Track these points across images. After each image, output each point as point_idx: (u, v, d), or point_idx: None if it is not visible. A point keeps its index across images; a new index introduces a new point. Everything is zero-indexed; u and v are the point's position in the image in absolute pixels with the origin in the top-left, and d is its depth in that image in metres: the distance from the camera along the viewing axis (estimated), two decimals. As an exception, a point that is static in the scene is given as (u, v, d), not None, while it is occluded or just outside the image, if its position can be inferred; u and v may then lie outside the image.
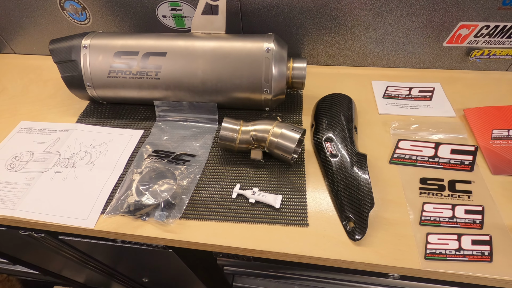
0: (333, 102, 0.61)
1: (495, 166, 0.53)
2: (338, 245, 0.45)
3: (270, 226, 0.48)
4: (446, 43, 0.67)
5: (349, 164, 0.51)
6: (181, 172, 0.54)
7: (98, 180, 0.54)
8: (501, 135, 0.56)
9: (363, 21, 0.65)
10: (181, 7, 0.68)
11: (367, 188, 0.48)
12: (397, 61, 0.72)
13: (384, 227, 0.47)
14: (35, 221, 0.50)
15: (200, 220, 0.49)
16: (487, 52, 0.67)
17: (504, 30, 0.62)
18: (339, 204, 0.49)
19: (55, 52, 0.60)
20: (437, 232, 0.46)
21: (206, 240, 0.47)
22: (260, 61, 0.55)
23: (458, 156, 0.54)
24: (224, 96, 0.59)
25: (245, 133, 0.53)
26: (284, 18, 0.67)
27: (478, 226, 0.46)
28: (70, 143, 0.61)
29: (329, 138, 0.55)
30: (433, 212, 0.48)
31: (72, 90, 0.63)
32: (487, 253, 0.43)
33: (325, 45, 0.72)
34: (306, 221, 0.48)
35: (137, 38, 0.59)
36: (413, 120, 0.60)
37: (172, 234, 0.48)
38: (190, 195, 0.51)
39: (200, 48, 0.57)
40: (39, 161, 0.58)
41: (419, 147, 0.56)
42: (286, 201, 0.50)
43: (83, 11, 0.72)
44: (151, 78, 0.58)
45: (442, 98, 0.65)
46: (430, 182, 0.52)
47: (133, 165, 0.56)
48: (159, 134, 0.62)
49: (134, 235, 0.48)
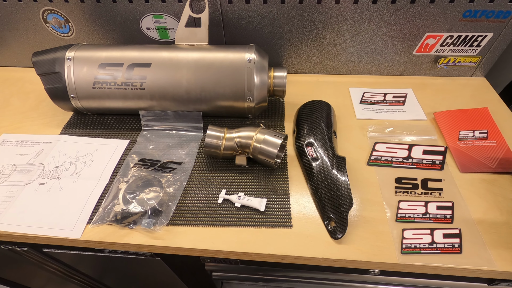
0: (313, 108, 0.64)
1: (462, 164, 0.57)
2: (321, 244, 0.47)
3: (255, 229, 0.50)
4: (415, 52, 0.72)
5: (329, 167, 0.54)
6: (167, 180, 0.56)
7: (83, 191, 0.55)
8: (467, 136, 0.60)
9: (339, 32, 0.69)
10: (165, 20, 0.70)
11: (346, 189, 0.51)
12: (372, 69, 0.77)
13: (363, 225, 0.49)
14: (19, 234, 0.50)
15: (187, 226, 0.50)
16: (452, 60, 0.72)
17: (466, 40, 0.68)
18: (321, 205, 0.51)
19: (38, 64, 0.60)
20: (412, 227, 0.49)
21: (193, 245, 0.48)
22: (243, 71, 0.57)
23: (430, 156, 0.58)
24: (208, 105, 0.61)
25: (230, 140, 0.55)
26: (265, 29, 0.70)
27: (448, 220, 0.50)
28: (54, 154, 0.61)
29: (310, 143, 0.58)
30: (408, 209, 0.51)
31: (56, 102, 0.63)
32: (457, 245, 0.46)
33: (304, 55, 0.75)
34: (290, 222, 0.50)
35: (122, 50, 0.61)
36: (388, 124, 0.64)
37: (160, 240, 0.48)
38: (177, 202, 0.52)
39: (184, 59, 0.59)
40: (22, 173, 0.58)
41: (394, 149, 0.59)
42: (270, 204, 0.52)
43: (67, 23, 0.73)
44: (136, 88, 0.59)
45: (414, 102, 0.70)
46: (405, 182, 0.55)
47: (119, 175, 0.57)
48: (145, 143, 0.63)
49: (121, 244, 0.49)
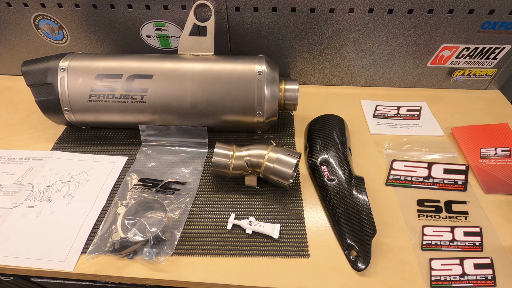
0: (326, 123, 0.60)
1: (487, 185, 0.53)
2: (342, 276, 0.43)
3: (269, 259, 0.45)
4: (430, 64, 0.69)
5: (346, 188, 0.50)
6: (170, 202, 0.51)
7: (77, 215, 0.49)
8: (489, 154, 0.57)
9: (351, 42, 0.66)
10: (167, 27, 0.65)
11: (368, 214, 0.47)
12: (384, 81, 0.73)
13: (387, 254, 0.45)
14: (3, 266, 0.44)
15: (193, 256, 0.45)
16: (467, 72, 0.69)
17: (483, 52, 0.65)
18: (339, 231, 0.47)
19: (28, 74, 0.55)
20: (439, 257, 0.45)
21: (201, 279, 0.43)
22: (252, 84, 0.53)
23: (451, 175, 0.54)
24: (214, 119, 0.57)
25: (239, 159, 0.51)
26: (273, 38, 0.66)
27: (478, 248, 0.46)
28: (45, 173, 0.56)
29: (324, 161, 0.54)
30: (433, 235, 0.47)
31: (47, 115, 0.58)
32: (490, 277, 0.43)
33: (313, 65, 0.72)
34: (307, 251, 0.46)
35: (121, 60, 0.56)
36: (405, 140, 0.61)
37: (163, 273, 0.43)
38: (182, 228, 0.48)
39: (189, 70, 0.55)
40: (9, 194, 0.52)
41: (413, 167, 0.56)
42: (284, 231, 0.48)
43: (60, 30, 0.68)
44: (137, 101, 0.55)
45: (430, 117, 0.67)
46: (427, 204, 0.51)
47: (117, 196, 0.51)
48: (145, 161, 0.58)
49: (120, 277, 0.44)
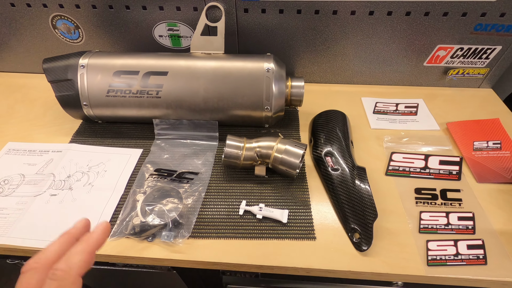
0: (329, 118, 0.64)
1: (479, 175, 0.57)
2: (346, 256, 0.47)
3: (278, 241, 0.48)
4: (426, 63, 0.73)
5: (349, 177, 0.54)
6: (185, 191, 0.54)
7: (98, 202, 0.53)
8: (481, 147, 0.61)
9: (352, 43, 0.70)
10: (179, 28, 0.69)
11: (369, 200, 0.50)
12: (383, 79, 0.77)
13: (387, 237, 0.49)
14: (31, 248, 0.47)
15: (208, 239, 0.49)
16: (461, 71, 0.74)
17: (476, 52, 0.69)
18: (343, 216, 0.51)
19: (49, 71, 0.58)
20: (435, 239, 0.48)
21: (216, 259, 0.46)
22: (261, 80, 0.57)
23: (446, 166, 0.58)
24: (225, 114, 0.60)
25: (249, 150, 0.54)
26: (279, 38, 0.70)
27: (471, 231, 0.50)
28: (65, 164, 0.59)
29: (328, 153, 0.58)
30: (429, 220, 0.51)
31: (67, 109, 0.61)
32: (481, 257, 0.46)
33: (316, 64, 0.76)
34: (313, 234, 0.49)
35: (137, 58, 0.60)
36: (403, 134, 0.65)
37: (180, 254, 0.47)
38: (197, 214, 0.51)
39: (202, 68, 0.58)
40: (31, 184, 0.56)
41: (411, 159, 0.60)
42: (292, 216, 0.51)
43: (76, 29, 0.71)
44: (152, 97, 0.58)
45: (426, 113, 0.71)
46: (424, 192, 0.55)
47: (135, 185, 0.55)
48: (159, 153, 0.61)
49: (140, 258, 0.47)
